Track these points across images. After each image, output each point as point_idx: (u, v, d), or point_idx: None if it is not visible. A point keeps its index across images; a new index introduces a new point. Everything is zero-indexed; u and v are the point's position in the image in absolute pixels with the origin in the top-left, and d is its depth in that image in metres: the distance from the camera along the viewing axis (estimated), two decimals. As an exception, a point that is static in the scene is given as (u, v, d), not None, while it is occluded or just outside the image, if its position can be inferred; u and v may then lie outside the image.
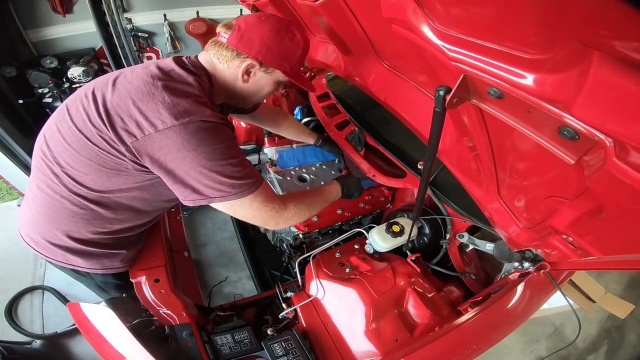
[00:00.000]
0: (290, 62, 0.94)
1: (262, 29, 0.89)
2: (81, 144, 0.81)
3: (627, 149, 0.41)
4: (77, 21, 2.76)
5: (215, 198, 0.82)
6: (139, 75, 0.82)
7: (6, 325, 1.77)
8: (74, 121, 0.82)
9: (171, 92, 0.79)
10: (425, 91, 1.03)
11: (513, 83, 0.48)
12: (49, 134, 0.88)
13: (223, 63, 0.93)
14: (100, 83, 0.85)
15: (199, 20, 3.14)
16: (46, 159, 0.87)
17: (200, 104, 0.81)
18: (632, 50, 0.32)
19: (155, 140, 0.77)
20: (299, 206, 0.99)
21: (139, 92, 0.78)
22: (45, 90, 2.40)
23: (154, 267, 1.12)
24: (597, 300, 1.99)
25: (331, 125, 1.62)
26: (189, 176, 0.80)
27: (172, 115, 0.76)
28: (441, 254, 1.32)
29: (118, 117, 0.78)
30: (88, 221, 0.93)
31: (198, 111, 0.78)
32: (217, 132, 0.81)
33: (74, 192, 0.87)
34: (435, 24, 0.56)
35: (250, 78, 0.95)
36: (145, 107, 0.77)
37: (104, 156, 0.81)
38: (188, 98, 0.80)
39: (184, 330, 1.01)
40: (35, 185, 0.92)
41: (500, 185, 0.86)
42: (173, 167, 0.79)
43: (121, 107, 0.78)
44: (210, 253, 2.24)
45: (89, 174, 0.85)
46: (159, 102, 0.77)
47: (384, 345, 0.99)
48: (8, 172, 2.24)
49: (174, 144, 0.76)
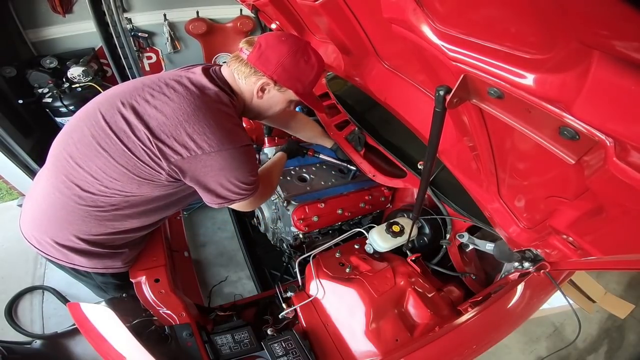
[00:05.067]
0: (303, 84, 0.98)
1: (280, 49, 0.92)
2: (120, 152, 0.84)
3: (627, 149, 0.41)
4: (77, 21, 2.75)
5: (235, 201, 0.97)
6: (178, 92, 0.86)
7: (6, 325, 1.77)
8: (112, 129, 0.84)
9: (213, 114, 0.86)
10: (425, 91, 1.03)
11: (513, 83, 0.48)
12: (78, 136, 0.88)
13: (242, 79, 0.97)
14: (135, 92, 0.87)
15: (199, 20, 3.13)
16: (72, 161, 0.88)
17: (239, 127, 0.93)
18: (632, 50, 0.32)
19: (200, 160, 0.85)
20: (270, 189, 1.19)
21: (185, 113, 0.83)
22: (45, 90, 2.39)
23: (154, 267, 1.13)
24: (597, 300, 1.99)
25: (331, 125, 1.62)
26: (223, 188, 0.92)
27: (219, 139, 0.84)
28: (441, 254, 1.33)
29: (164, 135, 0.83)
30: (100, 222, 0.94)
31: (239, 137, 0.90)
32: (248, 154, 0.93)
33: (97, 194, 0.89)
34: (436, 24, 0.56)
35: (264, 95, 1.00)
36: (191, 129, 0.83)
37: (141, 167, 0.85)
38: (229, 122, 0.89)
39: (184, 330, 1.01)
40: (50, 184, 0.92)
41: (501, 185, 0.86)
42: (209, 182, 0.90)
43: (167, 125, 0.83)
44: (210, 253, 2.23)
45: (121, 180, 0.87)
46: (204, 125, 0.83)
47: (384, 345, 0.99)
48: (8, 172, 2.24)
49: (217, 165, 0.86)
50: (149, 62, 3.22)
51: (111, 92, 0.92)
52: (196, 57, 3.30)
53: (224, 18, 3.28)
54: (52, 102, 2.37)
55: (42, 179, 0.96)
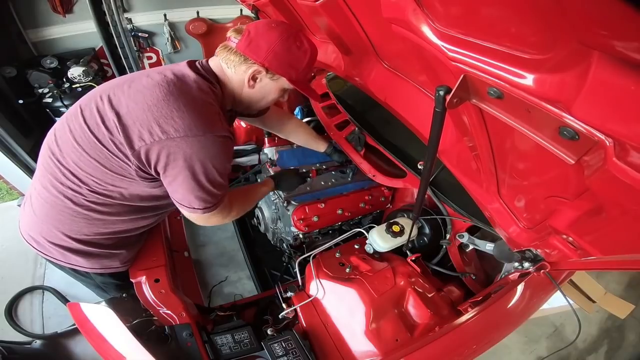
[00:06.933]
0: (297, 70, 0.95)
1: (270, 35, 0.89)
2: (91, 145, 0.82)
3: (627, 149, 0.41)
4: (77, 21, 2.76)
5: (197, 209, 0.89)
6: (155, 80, 0.82)
7: (6, 325, 1.77)
8: (87, 122, 0.82)
9: (186, 99, 0.80)
10: (425, 91, 1.03)
11: (513, 83, 0.48)
12: (60, 133, 0.88)
13: (231, 68, 0.93)
14: (116, 85, 0.85)
15: (199, 20, 3.14)
16: (54, 158, 0.87)
17: (216, 115, 0.85)
18: (632, 50, 0.32)
19: (164, 147, 0.78)
20: (238, 210, 1.06)
21: (154, 98, 0.79)
22: (45, 90, 2.40)
23: (154, 267, 1.13)
24: (597, 300, 1.99)
25: (331, 125, 1.62)
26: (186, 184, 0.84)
27: (187, 124, 0.78)
28: (441, 254, 1.32)
29: (131, 120, 0.79)
30: (90, 222, 0.93)
31: (212, 125, 0.82)
32: (221, 146, 0.85)
33: (79, 192, 0.87)
34: (435, 24, 0.56)
35: (256, 84, 0.96)
36: (159, 112, 0.78)
37: (111, 159, 0.82)
38: (203, 108, 0.82)
39: (184, 330, 1.01)
40: (39, 183, 0.92)
41: (500, 185, 0.86)
42: (171, 174, 0.83)
43: (136, 111, 0.79)
44: (210, 253, 2.23)
45: (95, 176, 0.85)
46: (173, 109, 0.78)
47: (384, 345, 0.99)
48: (8, 172, 2.24)
49: (182, 154, 0.79)
50: (149, 62, 3.23)
51: (97, 88, 0.91)
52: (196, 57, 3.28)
53: (224, 18, 3.28)
54: (52, 102, 2.37)
55: (35, 178, 0.96)
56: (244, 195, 1.15)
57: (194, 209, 0.89)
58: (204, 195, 0.87)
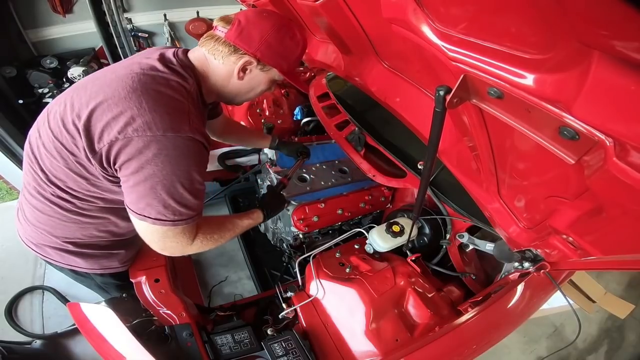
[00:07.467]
0: (288, 61, 0.92)
1: (263, 25, 0.85)
2: (58, 151, 0.78)
3: (627, 149, 0.41)
4: (77, 21, 2.76)
5: (145, 217, 0.76)
6: (118, 76, 0.76)
7: (6, 325, 1.76)
8: (51, 127, 0.79)
9: (150, 95, 0.73)
10: (425, 91, 1.03)
11: (513, 83, 0.48)
12: (33, 140, 0.85)
13: (218, 59, 0.87)
14: (81, 86, 0.81)
15: (199, 20, 3.13)
16: (33, 165, 0.85)
17: (184, 114, 0.76)
18: (632, 50, 0.32)
19: (123, 147, 0.72)
20: (205, 242, 0.90)
21: (115, 96, 0.72)
22: (45, 90, 2.40)
23: (154, 267, 1.12)
24: (597, 300, 1.99)
25: (331, 125, 1.62)
26: (143, 192, 0.74)
27: (147, 122, 0.70)
28: (441, 254, 1.32)
29: (92, 122, 0.73)
30: (81, 225, 0.92)
31: (175, 125, 0.73)
32: (189, 149, 0.76)
33: (63, 198, 0.85)
34: (436, 24, 0.56)
35: (245, 75, 0.90)
36: (118, 110, 0.71)
37: (78, 165, 0.78)
38: (170, 106, 0.75)
39: (184, 330, 1.01)
40: (27, 190, 0.91)
41: (500, 185, 0.86)
42: (131, 180, 0.74)
43: (96, 111, 0.73)
44: (210, 253, 2.23)
45: (67, 181, 0.82)
46: (135, 106, 0.71)
47: (384, 345, 0.99)
48: (8, 172, 2.24)
49: (141, 156, 0.71)
50: (149, 62, 3.22)
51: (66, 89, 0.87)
52: (196, 57, 3.30)
53: (224, 18, 3.28)
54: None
55: (22, 186, 0.94)
56: (219, 225, 0.96)
57: (143, 217, 0.76)
58: (156, 204, 0.75)
